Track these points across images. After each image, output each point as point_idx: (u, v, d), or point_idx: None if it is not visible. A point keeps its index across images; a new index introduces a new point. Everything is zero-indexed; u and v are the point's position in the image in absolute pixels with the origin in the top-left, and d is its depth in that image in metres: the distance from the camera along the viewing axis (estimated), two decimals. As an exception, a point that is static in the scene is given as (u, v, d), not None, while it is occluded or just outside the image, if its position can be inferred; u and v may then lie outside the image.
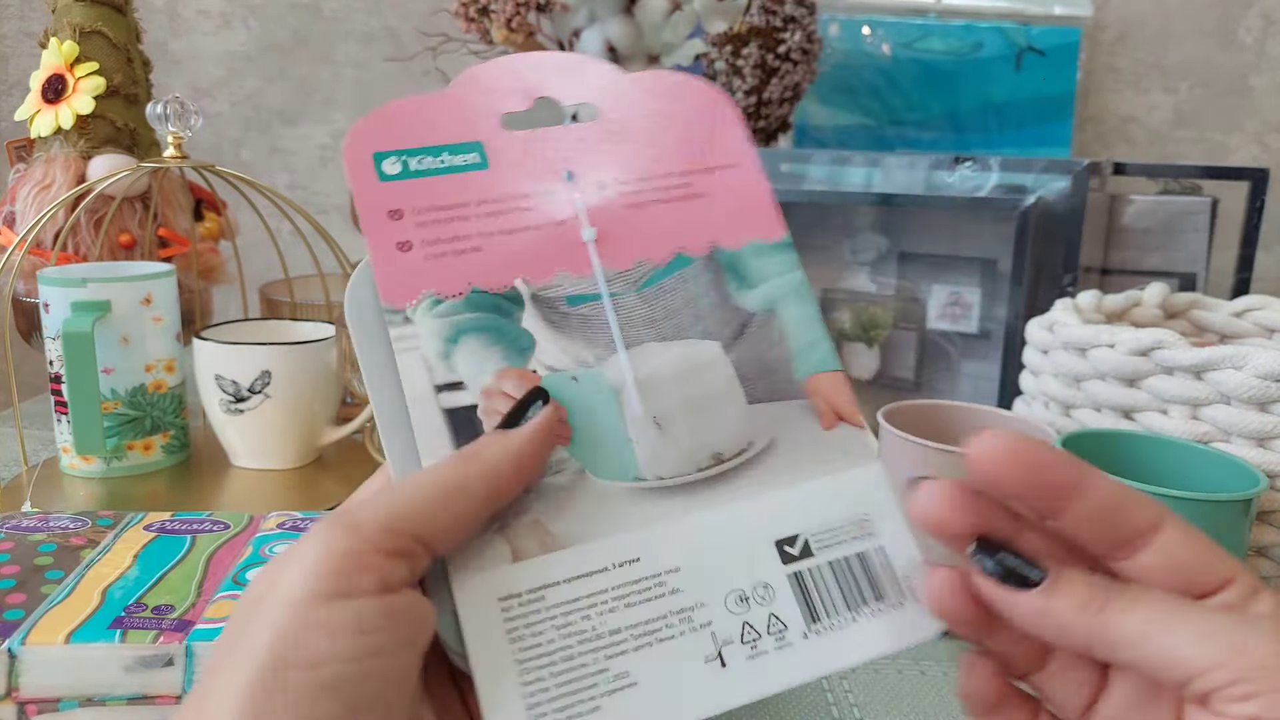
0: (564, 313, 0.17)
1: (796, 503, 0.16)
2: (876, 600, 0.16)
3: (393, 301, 0.16)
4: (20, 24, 0.79)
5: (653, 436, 0.16)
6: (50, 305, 0.40)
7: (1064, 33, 0.59)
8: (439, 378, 0.16)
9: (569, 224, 0.17)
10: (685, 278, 0.17)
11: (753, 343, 0.17)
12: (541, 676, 0.14)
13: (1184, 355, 0.33)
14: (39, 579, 0.25)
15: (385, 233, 0.16)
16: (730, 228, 0.18)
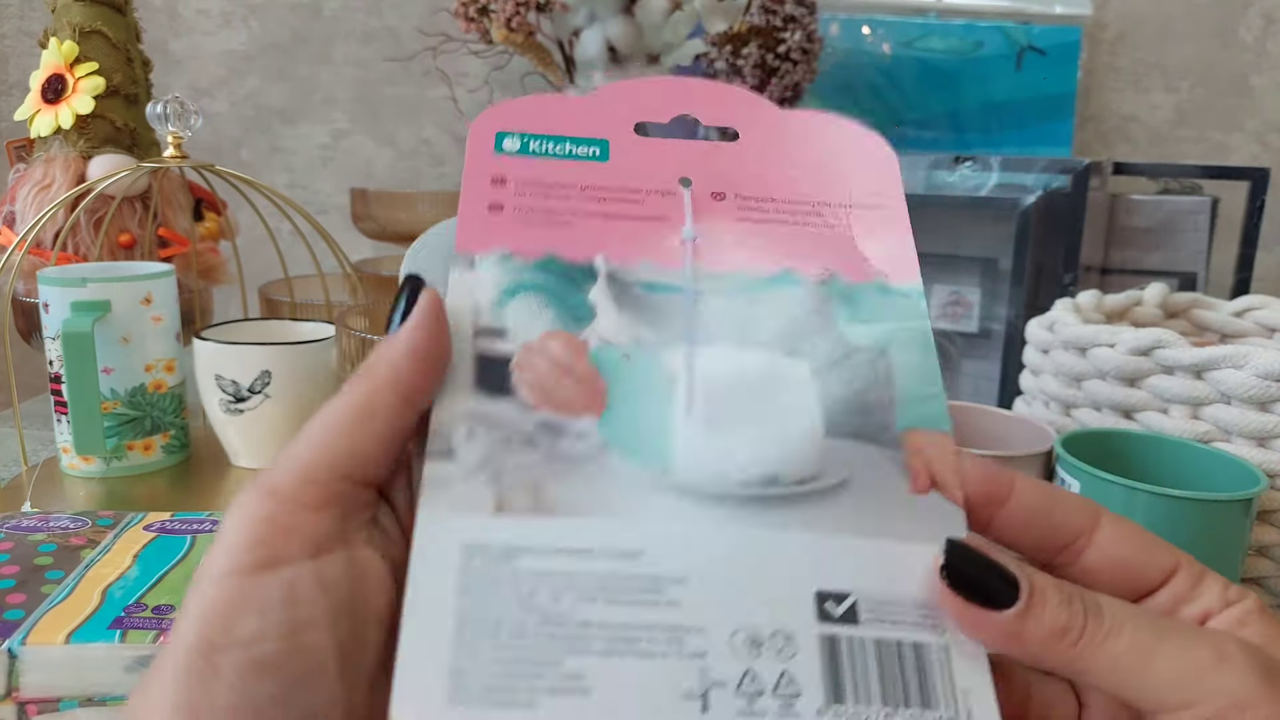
0: (637, 296, 0.16)
1: (858, 558, 0.14)
2: (922, 705, 0.13)
3: (465, 248, 0.15)
4: (20, 23, 0.79)
5: (698, 438, 0.14)
6: (50, 305, 0.40)
7: (1064, 32, 0.59)
8: (484, 321, 0.15)
9: (671, 221, 0.16)
10: (788, 295, 0.16)
11: (851, 375, 0.15)
12: (478, 644, 0.12)
13: (1184, 355, 0.33)
14: (39, 579, 0.25)
15: (481, 193, 0.16)
16: (856, 261, 0.16)
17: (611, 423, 0.14)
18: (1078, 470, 0.31)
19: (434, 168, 0.78)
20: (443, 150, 0.78)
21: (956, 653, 0.13)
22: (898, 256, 0.17)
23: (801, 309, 0.16)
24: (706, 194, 0.17)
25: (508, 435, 0.14)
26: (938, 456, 0.15)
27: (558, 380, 0.15)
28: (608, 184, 0.16)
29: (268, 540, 0.12)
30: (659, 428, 0.14)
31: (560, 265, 0.16)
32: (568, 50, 0.57)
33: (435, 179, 0.78)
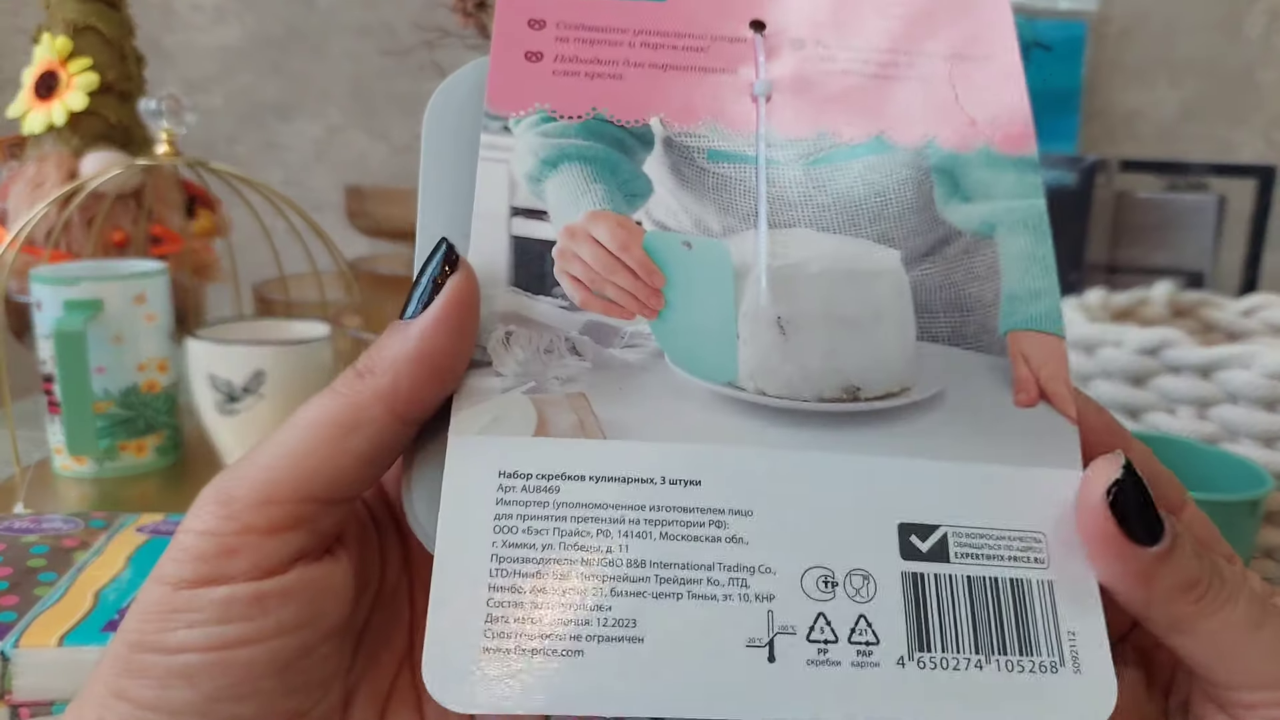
0: (701, 167, 0.13)
1: (949, 485, 0.12)
2: (1022, 652, 0.11)
3: (498, 107, 0.13)
4: (13, 20, 0.78)
5: (769, 340, 0.12)
6: (42, 304, 0.40)
7: (1070, 27, 0.59)
8: (520, 200, 0.13)
9: (740, 74, 0.14)
10: (877, 166, 0.14)
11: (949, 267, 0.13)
12: (517, 586, 0.11)
13: (1191, 354, 0.32)
14: (32, 581, 0.25)
15: (516, 39, 0.13)
16: (960, 125, 0.14)
17: (669, 325, 0.12)
18: (1084, 471, 0.30)
19: (432, 164, 0.78)
20: (440, 146, 0.77)
21: (1063, 591, 0.12)
22: (1009, 119, 0.14)
23: (894, 183, 0.13)
24: (783, 41, 0.14)
25: (550, 340, 0.12)
26: (1048, 363, 0.13)
27: (607, 274, 0.13)
28: (666, 27, 0.14)
29: (209, 557, 0.11)
30: (723, 331, 0.13)
31: (610, 128, 0.13)
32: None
33: (433, 175, 0.78)
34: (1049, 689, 0.11)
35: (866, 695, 0.11)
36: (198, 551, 0.11)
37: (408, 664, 0.14)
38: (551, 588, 0.11)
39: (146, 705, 0.11)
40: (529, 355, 0.12)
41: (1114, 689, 0.11)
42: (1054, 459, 0.12)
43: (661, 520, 0.11)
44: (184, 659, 0.11)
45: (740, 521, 0.11)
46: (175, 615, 0.11)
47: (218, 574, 0.11)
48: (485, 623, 0.11)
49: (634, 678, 0.11)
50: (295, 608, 0.12)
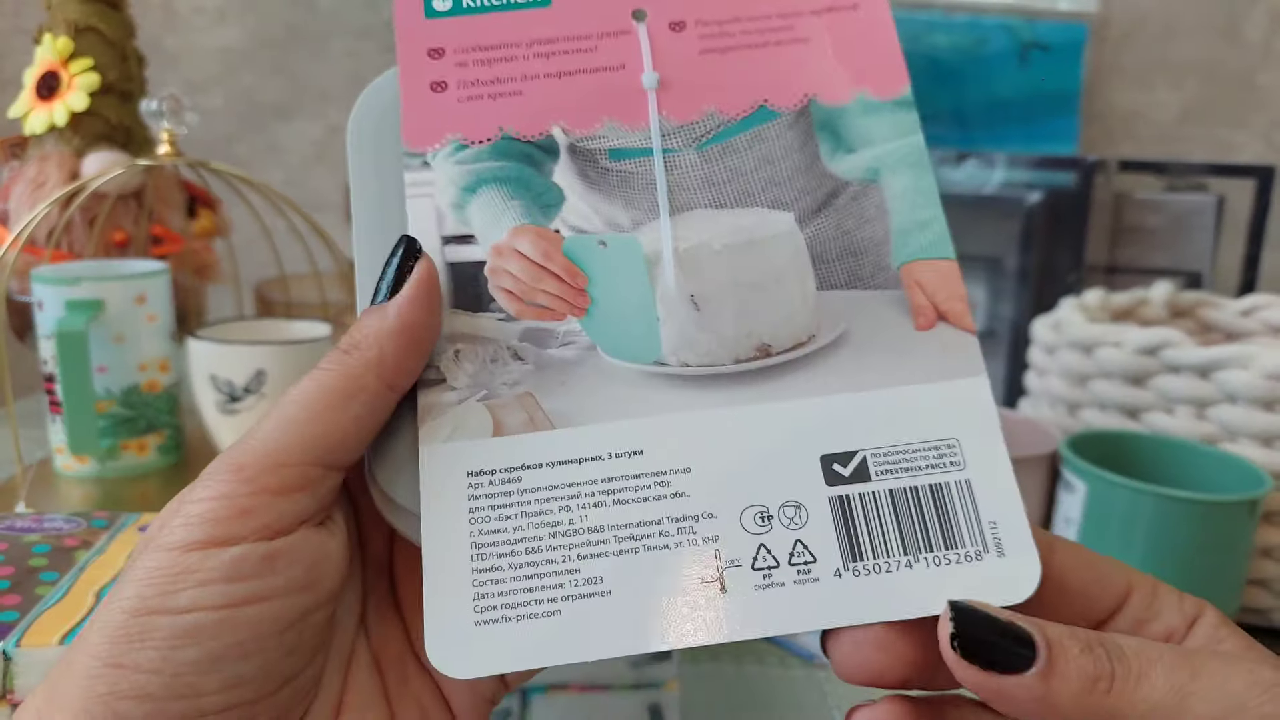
0: (604, 168, 0.15)
1: (861, 412, 0.13)
2: (947, 547, 0.13)
3: (414, 144, 0.14)
4: (14, 20, 0.78)
5: (685, 316, 0.14)
6: (44, 304, 0.40)
7: (1070, 29, 0.59)
8: (449, 229, 0.14)
9: (629, 69, 0.15)
10: (764, 135, 0.15)
11: (840, 217, 0.14)
12: (497, 565, 0.12)
13: (1190, 355, 0.32)
14: (33, 580, 0.25)
15: (420, 71, 0.15)
16: (835, 78, 0.15)
17: (596, 319, 0.14)
18: (1083, 471, 0.30)
19: (432, 165, 0.78)
20: (441, 147, 0.77)
21: (981, 486, 0.13)
22: (881, 63, 0.15)
23: (779, 149, 0.15)
24: (664, 26, 0.15)
25: (494, 351, 0.14)
26: (942, 286, 0.14)
27: (535, 283, 0.14)
28: (555, 34, 0.15)
29: (222, 519, 0.12)
30: (644, 316, 0.14)
31: (517, 145, 0.14)
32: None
33: (433, 176, 0.78)
34: (976, 574, 0.12)
35: (810, 607, 0.12)
36: (210, 514, 0.12)
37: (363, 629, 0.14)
38: (526, 562, 0.13)
39: (148, 669, 0.11)
40: (477, 367, 0.14)
41: (1037, 564, 0.12)
42: (958, 370, 0.14)
43: (613, 489, 0.13)
44: (193, 618, 0.11)
45: (681, 478, 0.13)
46: (185, 576, 0.12)
47: (231, 534, 0.12)
48: (474, 600, 0.12)
49: (607, 626, 0.12)
50: (301, 569, 0.12)
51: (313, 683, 0.13)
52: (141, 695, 0.11)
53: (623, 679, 0.23)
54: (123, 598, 0.12)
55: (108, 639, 0.12)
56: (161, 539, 0.12)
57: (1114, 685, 0.11)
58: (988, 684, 0.12)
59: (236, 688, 0.12)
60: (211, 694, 0.12)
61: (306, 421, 0.12)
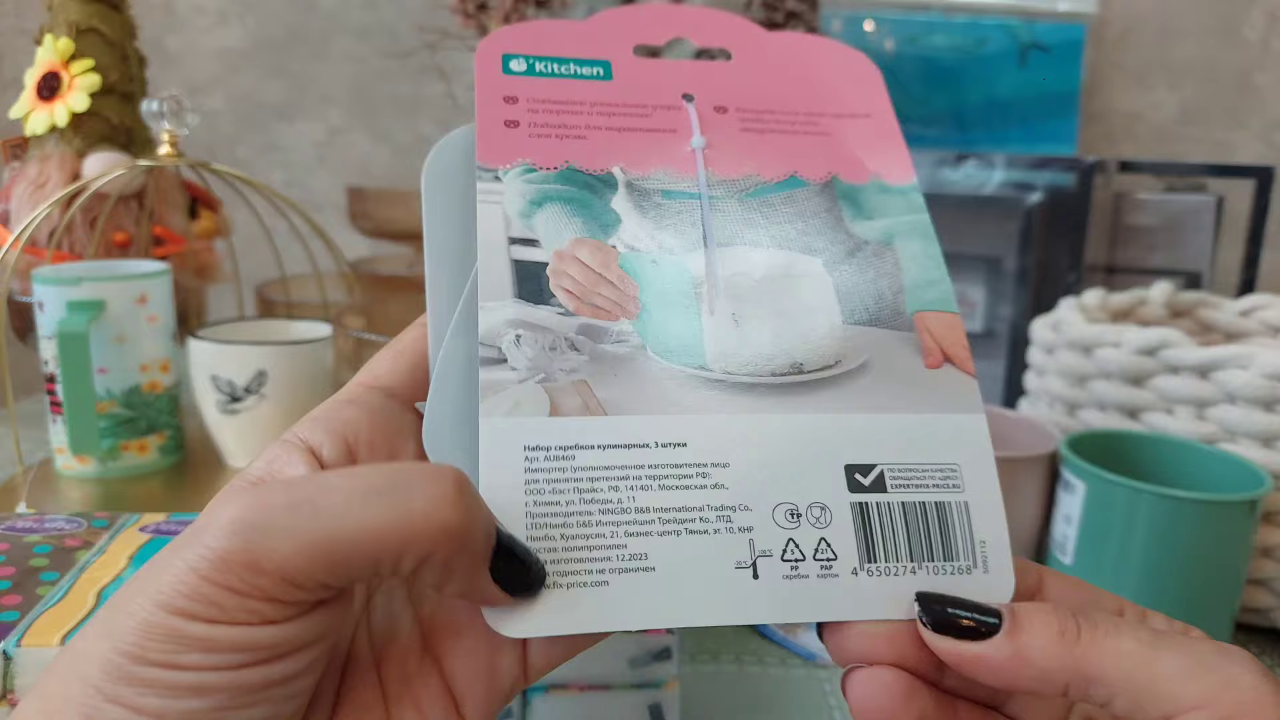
0: (657, 203, 0.16)
1: (881, 432, 0.15)
2: (945, 559, 0.14)
3: (488, 161, 0.16)
4: (15, 21, 0.78)
5: (727, 332, 0.15)
6: (45, 304, 0.40)
7: (1069, 29, 0.59)
8: (515, 231, 0.16)
9: (680, 134, 0.17)
10: (796, 197, 0.17)
11: (862, 267, 0.17)
12: (550, 535, 0.13)
13: (1189, 354, 0.32)
14: (34, 580, 0.25)
15: (496, 111, 0.17)
16: (854, 164, 0.17)
17: (646, 324, 0.15)
18: (1083, 471, 0.30)
19: (433, 165, 0.78)
20: (441, 148, 0.77)
21: (976, 509, 0.15)
22: (891, 159, 0.18)
23: (809, 209, 0.17)
24: (709, 108, 0.17)
25: (552, 340, 0.15)
26: (948, 334, 0.16)
27: (593, 286, 0.15)
28: (615, 100, 0.17)
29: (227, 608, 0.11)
30: (690, 327, 0.15)
31: (580, 175, 0.16)
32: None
33: (434, 177, 0.78)
34: (963, 585, 0.14)
35: (830, 599, 0.14)
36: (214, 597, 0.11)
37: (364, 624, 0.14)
38: (577, 534, 0.14)
39: (148, 712, 0.11)
40: (537, 352, 0.15)
41: (1012, 582, 0.14)
42: (961, 406, 0.16)
43: (658, 475, 0.14)
44: (197, 676, 0.11)
45: (721, 471, 0.14)
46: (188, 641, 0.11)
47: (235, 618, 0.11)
48: None
49: (650, 598, 0.13)
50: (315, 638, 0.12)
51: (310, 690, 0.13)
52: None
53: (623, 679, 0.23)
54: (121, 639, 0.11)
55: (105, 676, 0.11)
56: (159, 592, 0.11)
57: (1082, 635, 0.12)
58: (963, 652, 0.13)
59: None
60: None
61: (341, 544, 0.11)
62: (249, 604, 0.11)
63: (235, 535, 0.11)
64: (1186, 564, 0.29)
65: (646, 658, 0.23)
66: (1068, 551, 0.31)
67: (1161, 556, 0.29)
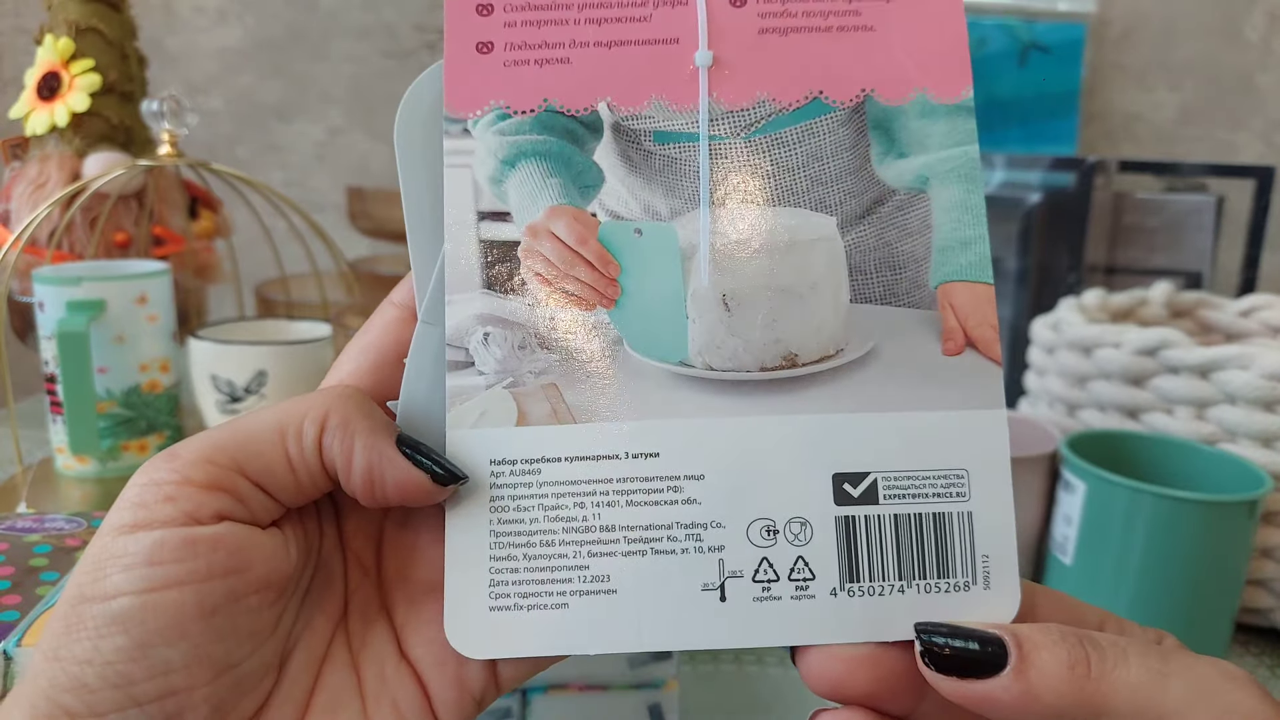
0: (647, 150, 0.14)
1: (878, 433, 0.13)
2: (939, 575, 0.13)
3: (456, 109, 0.14)
4: (15, 20, 0.78)
5: (714, 318, 0.14)
6: (45, 304, 0.40)
7: (1069, 29, 0.59)
8: (485, 204, 0.14)
9: (683, 44, 0.14)
10: (816, 130, 0.14)
11: (883, 226, 0.14)
12: (513, 555, 0.13)
13: (1190, 355, 0.32)
14: (34, 580, 0.25)
15: (467, 29, 0.14)
16: (896, 73, 0.14)
17: (625, 312, 0.14)
18: (1083, 472, 0.30)
19: (432, 165, 0.78)
20: (441, 148, 0.77)
21: (981, 519, 0.13)
22: (946, 60, 0.14)
23: (831, 147, 0.14)
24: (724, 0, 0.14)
25: (523, 337, 0.14)
26: (974, 311, 0.14)
27: (568, 268, 0.14)
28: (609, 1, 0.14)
29: (146, 503, 0.12)
30: (674, 313, 0.14)
31: (561, 119, 0.14)
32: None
33: (434, 176, 0.78)
34: (961, 603, 0.13)
35: (802, 623, 0.13)
36: (138, 499, 0.12)
37: (343, 629, 0.14)
38: (540, 554, 0.13)
39: (81, 659, 0.12)
40: (505, 353, 0.14)
41: (1017, 598, 0.13)
42: (978, 401, 0.14)
43: (627, 490, 0.13)
44: (117, 604, 0.12)
45: (694, 485, 0.13)
46: (111, 561, 0.12)
47: (153, 518, 0.12)
48: (490, 587, 0.13)
49: (610, 622, 0.13)
50: (222, 554, 0.12)
51: (260, 675, 0.13)
52: (78, 686, 0.12)
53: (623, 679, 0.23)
54: (67, 587, 0.12)
55: (51, 631, 0.12)
56: (103, 525, 0.13)
57: (1092, 669, 0.11)
58: (968, 692, 0.12)
59: (166, 674, 0.12)
60: (142, 681, 0.12)
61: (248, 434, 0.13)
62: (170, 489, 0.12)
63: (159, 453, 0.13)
64: (1186, 564, 0.29)
65: (646, 658, 0.23)
66: (1068, 552, 0.31)
67: (1161, 557, 0.29)
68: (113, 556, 0.12)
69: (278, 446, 0.13)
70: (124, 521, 0.12)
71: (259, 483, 0.13)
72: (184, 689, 0.12)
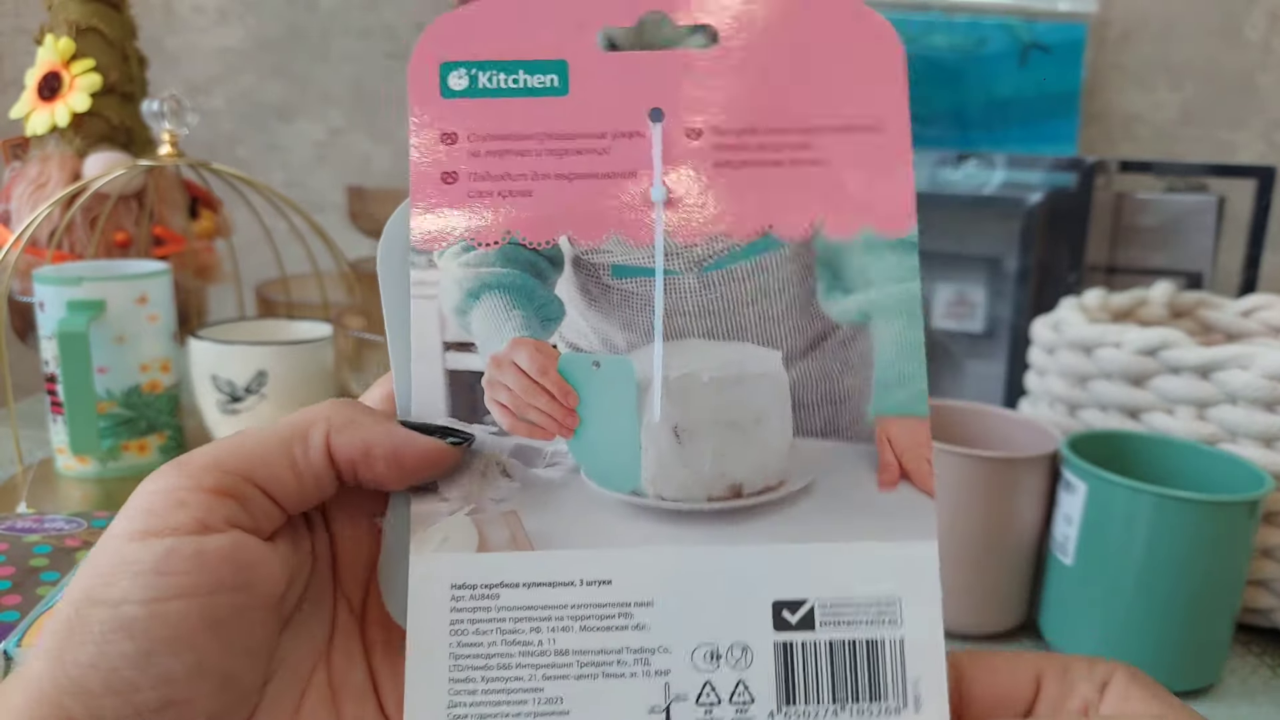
0: (606, 284, 0.15)
1: (817, 564, 0.14)
2: (871, 699, 0.14)
3: (423, 243, 0.15)
4: (16, 21, 0.79)
5: (666, 449, 0.15)
6: (45, 304, 0.40)
7: (1069, 29, 0.59)
8: (450, 334, 0.15)
9: (639, 177, 0.15)
10: (765, 265, 0.15)
11: (826, 361, 0.15)
12: (471, 678, 0.14)
13: (1190, 355, 0.32)
14: (34, 580, 0.25)
15: (433, 161, 0.15)
16: (844, 208, 0.15)
17: (583, 442, 0.15)
18: (1083, 472, 0.30)
19: (433, 165, 0.78)
20: (442, 148, 0.77)
21: (912, 645, 0.14)
22: (892, 197, 0.15)
23: (779, 281, 0.15)
24: (680, 131, 0.15)
25: (485, 465, 0.15)
26: (910, 446, 0.15)
27: (529, 399, 0.15)
28: (567, 128, 0.15)
29: (157, 510, 0.13)
30: (628, 443, 0.15)
31: (522, 253, 0.15)
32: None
33: (434, 177, 0.78)
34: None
35: None
36: (149, 505, 0.13)
37: (325, 663, 0.15)
38: (497, 677, 0.14)
39: (85, 663, 0.12)
40: (469, 480, 0.15)
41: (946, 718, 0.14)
42: (911, 533, 0.15)
43: (581, 615, 0.14)
44: (125, 610, 0.12)
45: (643, 611, 0.14)
46: (121, 567, 0.12)
47: (162, 526, 0.12)
48: (449, 710, 0.14)
49: None
50: (231, 569, 0.13)
51: (255, 689, 0.13)
52: (80, 690, 0.12)
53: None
54: (73, 589, 0.12)
55: (53, 632, 0.12)
56: (111, 528, 0.13)
57: None
58: None
59: (169, 684, 0.12)
60: (146, 690, 0.12)
61: (255, 443, 0.14)
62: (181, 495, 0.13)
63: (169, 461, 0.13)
64: (1187, 564, 0.29)
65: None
66: (1068, 552, 0.31)
67: (1162, 557, 0.29)
68: (123, 562, 0.12)
69: (284, 453, 0.14)
70: (134, 528, 0.12)
71: (266, 488, 0.13)
72: (185, 700, 0.12)
